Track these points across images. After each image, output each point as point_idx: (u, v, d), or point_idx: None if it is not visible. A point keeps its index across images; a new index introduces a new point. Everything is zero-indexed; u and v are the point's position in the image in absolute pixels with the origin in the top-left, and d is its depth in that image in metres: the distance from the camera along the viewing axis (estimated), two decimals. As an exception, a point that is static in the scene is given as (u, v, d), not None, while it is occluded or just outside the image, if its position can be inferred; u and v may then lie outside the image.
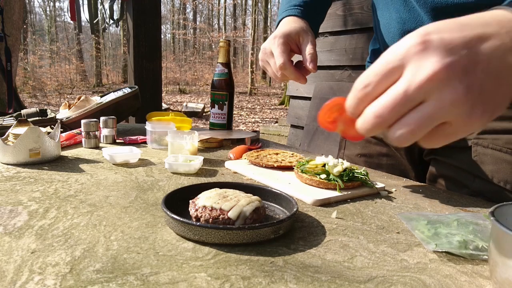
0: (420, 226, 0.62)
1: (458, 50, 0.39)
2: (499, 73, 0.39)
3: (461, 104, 0.38)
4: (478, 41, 0.40)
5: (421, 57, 0.38)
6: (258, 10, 19.03)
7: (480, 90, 0.39)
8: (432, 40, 0.39)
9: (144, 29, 3.02)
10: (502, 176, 0.82)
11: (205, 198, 0.59)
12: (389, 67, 0.40)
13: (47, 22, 22.02)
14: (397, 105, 0.39)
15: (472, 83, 0.38)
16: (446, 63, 0.38)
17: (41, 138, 0.92)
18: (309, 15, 0.97)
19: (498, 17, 0.42)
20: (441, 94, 0.38)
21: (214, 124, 1.41)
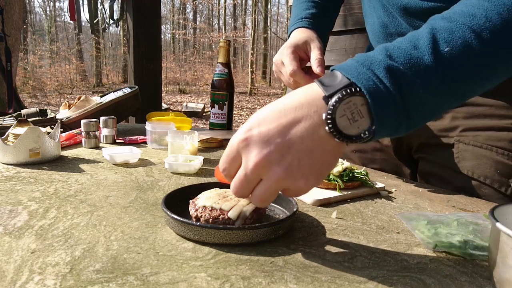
0: (420, 226, 0.62)
1: (274, 139, 0.47)
2: (312, 148, 0.48)
3: (284, 180, 0.48)
4: (290, 126, 0.48)
5: (247, 150, 0.49)
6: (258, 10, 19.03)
7: (298, 166, 0.47)
8: (252, 136, 0.48)
9: (144, 29, 3.02)
10: (482, 171, 0.85)
11: (205, 198, 0.59)
12: (231, 157, 0.51)
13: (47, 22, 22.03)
14: (243, 184, 0.50)
15: (289, 163, 0.47)
16: (263, 154, 0.47)
17: (41, 138, 0.92)
18: (317, 25, 1.01)
19: (310, 96, 0.49)
20: (268, 175, 0.48)
21: (214, 124, 1.41)
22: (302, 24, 1.01)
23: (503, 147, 0.84)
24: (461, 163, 0.88)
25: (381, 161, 1.08)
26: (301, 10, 1.05)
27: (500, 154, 0.84)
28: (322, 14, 1.05)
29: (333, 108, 0.46)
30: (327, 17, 1.07)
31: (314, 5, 1.05)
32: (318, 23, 1.02)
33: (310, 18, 1.02)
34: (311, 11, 1.03)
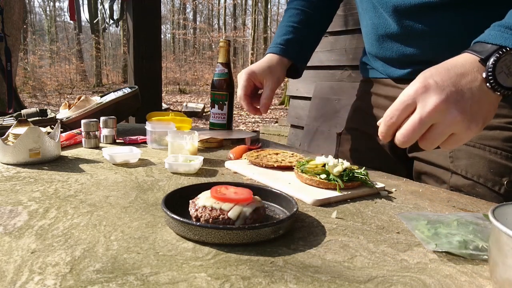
0: (420, 226, 0.62)
1: (449, 87, 0.56)
2: (480, 98, 0.57)
3: (459, 122, 0.56)
4: (460, 78, 0.57)
5: (425, 96, 0.56)
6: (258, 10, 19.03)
7: (470, 111, 0.56)
8: (430, 84, 0.57)
9: (144, 29, 3.02)
10: (475, 170, 0.87)
11: (205, 198, 0.59)
12: (405, 104, 0.58)
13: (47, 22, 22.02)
14: (416, 128, 0.57)
15: (463, 108, 0.56)
16: (442, 98, 0.55)
17: (41, 138, 0.92)
18: (291, 52, 1.08)
19: (468, 60, 0.58)
20: (444, 118, 0.56)
21: (214, 124, 1.41)
22: (274, 50, 1.08)
23: (495, 146, 0.84)
24: (454, 163, 0.89)
25: (377, 160, 1.09)
26: (278, 35, 1.11)
27: (493, 153, 0.84)
28: (298, 40, 1.10)
29: (492, 67, 0.55)
30: (304, 43, 1.12)
31: (292, 31, 1.10)
32: (291, 49, 1.09)
33: (284, 45, 1.08)
34: (287, 37, 1.09)
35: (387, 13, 0.90)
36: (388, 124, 0.61)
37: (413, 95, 0.57)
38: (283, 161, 0.96)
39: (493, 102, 0.58)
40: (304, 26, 1.11)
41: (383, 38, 0.95)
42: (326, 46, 3.08)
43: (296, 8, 1.13)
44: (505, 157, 0.84)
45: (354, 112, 1.20)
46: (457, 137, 0.58)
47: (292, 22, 1.11)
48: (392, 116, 0.59)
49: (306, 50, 1.15)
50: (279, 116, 9.28)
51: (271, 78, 1.04)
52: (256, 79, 1.05)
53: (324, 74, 3.13)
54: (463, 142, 0.59)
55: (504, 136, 0.84)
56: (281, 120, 7.62)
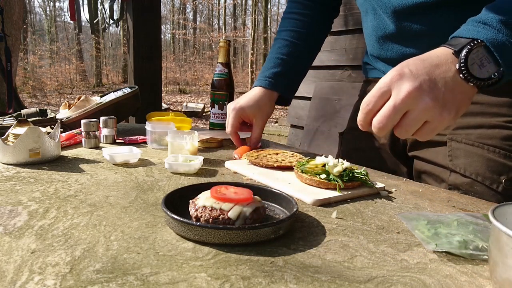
0: (420, 226, 0.62)
1: (422, 76, 0.58)
2: (453, 87, 0.59)
3: (431, 109, 0.58)
4: (435, 68, 0.59)
5: (400, 83, 0.58)
6: (258, 10, 19.02)
7: (442, 99, 0.58)
8: (405, 72, 0.59)
9: (144, 29, 3.02)
10: (473, 169, 0.87)
11: (205, 198, 0.59)
12: (381, 91, 0.60)
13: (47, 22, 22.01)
14: (391, 114, 0.59)
15: (436, 95, 0.58)
16: (415, 85, 0.57)
17: (41, 138, 0.92)
18: (279, 85, 1.11)
19: (443, 52, 0.61)
20: (417, 105, 0.58)
21: (214, 124, 1.41)
22: (263, 84, 1.10)
23: (494, 145, 0.85)
24: (453, 161, 0.89)
25: (379, 159, 1.09)
26: (267, 67, 1.13)
27: (492, 152, 0.85)
28: (287, 73, 1.12)
29: (464, 58, 0.58)
30: (293, 75, 1.14)
31: (281, 63, 1.12)
32: (280, 83, 1.11)
33: (272, 78, 1.10)
34: (275, 70, 1.11)
35: (386, 14, 0.91)
36: (365, 111, 0.63)
37: (389, 83, 0.59)
38: (283, 161, 0.96)
39: (468, 93, 0.60)
40: (292, 57, 1.13)
41: (383, 39, 0.96)
42: (326, 46, 3.08)
43: (285, 39, 1.14)
44: (503, 156, 0.84)
45: (356, 112, 1.20)
46: (430, 125, 0.59)
47: (280, 54, 1.13)
48: (368, 103, 0.61)
49: (295, 81, 1.17)
50: (279, 116, 9.29)
51: (260, 116, 1.09)
52: (245, 115, 1.09)
53: (324, 74, 3.13)
54: (436, 130, 0.60)
55: (503, 135, 0.84)
56: (281, 120, 7.63)
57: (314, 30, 1.17)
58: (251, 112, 1.08)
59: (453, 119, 0.60)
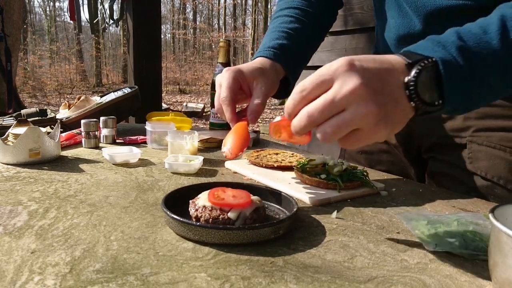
0: (420, 226, 0.62)
1: (372, 75, 0.51)
2: (397, 99, 0.52)
3: (371, 116, 0.50)
4: (385, 73, 0.52)
5: (347, 75, 0.50)
6: (258, 10, 19.03)
7: (385, 109, 0.51)
8: (356, 65, 0.51)
9: (144, 29, 3.02)
10: (495, 172, 0.85)
11: (205, 198, 0.59)
12: (322, 79, 0.52)
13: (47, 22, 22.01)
14: (325, 108, 0.51)
15: (380, 102, 0.50)
16: (363, 82, 0.49)
17: (41, 138, 0.92)
18: (286, 58, 0.89)
19: (398, 60, 0.54)
20: (358, 106, 0.50)
21: (214, 124, 1.41)
22: (265, 54, 0.88)
23: None
24: (474, 164, 0.87)
25: (388, 162, 1.07)
26: (270, 39, 0.93)
27: None
28: (293, 49, 0.93)
29: (416, 75, 0.51)
30: (299, 54, 0.96)
31: (286, 36, 0.93)
32: (287, 55, 0.90)
33: (277, 49, 0.90)
34: (280, 42, 0.91)
35: (415, 13, 0.85)
36: (296, 98, 0.53)
37: (334, 71, 0.51)
38: (283, 161, 0.96)
39: (405, 113, 0.53)
40: (299, 34, 0.95)
41: (405, 38, 0.90)
42: (326, 46, 3.08)
43: (289, 15, 0.97)
44: None
45: None
46: (361, 133, 0.52)
47: (285, 28, 0.95)
48: (303, 89, 0.52)
49: (300, 62, 0.97)
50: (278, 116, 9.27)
51: (263, 80, 0.81)
52: (245, 80, 0.80)
53: (324, 74, 3.12)
54: (364, 142, 0.53)
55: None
56: (281, 120, 7.61)
57: (321, 12, 1.01)
58: (252, 76, 0.80)
59: (386, 135, 0.53)
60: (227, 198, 0.59)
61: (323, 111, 0.51)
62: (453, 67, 0.52)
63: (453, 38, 0.54)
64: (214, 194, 0.60)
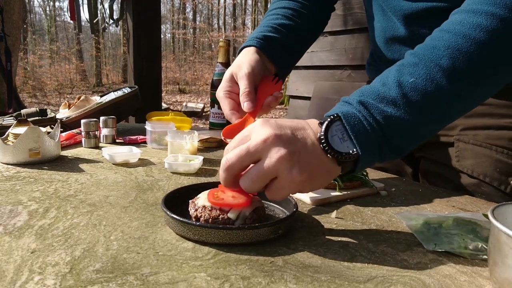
0: (420, 226, 0.62)
1: (286, 128, 0.55)
2: (313, 152, 0.55)
3: (284, 162, 0.52)
4: (298, 129, 0.56)
5: (261, 128, 0.55)
6: (258, 10, 19.01)
7: (298, 157, 0.53)
8: (270, 120, 0.56)
9: (144, 29, 3.02)
10: (481, 169, 0.86)
11: (205, 198, 0.59)
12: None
13: (47, 22, 22.00)
14: (242, 156, 0.54)
15: (293, 150, 0.53)
16: (276, 132, 0.54)
17: (41, 138, 0.92)
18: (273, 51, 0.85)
19: (312, 122, 0.58)
20: (271, 153, 0.53)
21: (214, 124, 1.41)
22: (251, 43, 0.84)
23: (502, 146, 0.84)
24: (461, 162, 0.89)
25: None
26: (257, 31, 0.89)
27: (500, 153, 0.84)
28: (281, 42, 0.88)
29: (325, 129, 0.55)
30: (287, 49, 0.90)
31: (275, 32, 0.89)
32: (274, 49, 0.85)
33: (263, 40, 0.85)
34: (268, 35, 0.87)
35: (396, 16, 0.89)
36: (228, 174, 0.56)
37: (251, 127, 0.57)
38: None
39: (327, 166, 0.56)
40: (289, 31, 0.91)
41: (391, 40, 0.93)
42: (326, 46, 3.08)
43: (279, 14, 0.93)
44: (511, 157, 0.84)
45: None
46: (279, 181, 0.54)
47: (274, 24, 0.90)
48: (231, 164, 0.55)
49: (290, 59, 0.93)
50: (279, 116, 9.29)
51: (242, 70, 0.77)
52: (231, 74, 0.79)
53: (323, 74, 3.12)
54: (286, 191, 0.55)
55: (511, 136, 0.84)
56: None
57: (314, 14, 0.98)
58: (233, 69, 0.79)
59: (303, 184, 0.54)
60: (226, 198, 0.59)
61: (239, 158, 0.54)
62: (354, 117, 0.55)
63: (355, 96, 0.58)
64: (214, 194, 0.60)
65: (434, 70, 0.56)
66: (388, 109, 0.56)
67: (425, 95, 0.56)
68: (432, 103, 0.56)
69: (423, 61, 0.57)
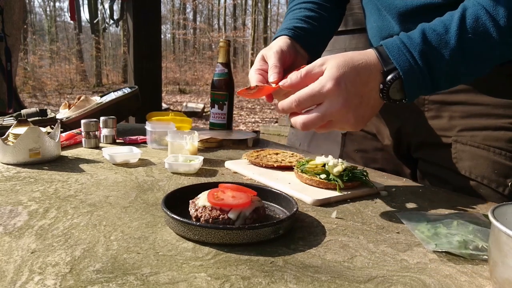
0: (420, 226, 0.62)
1: (354, 96, 0.63)
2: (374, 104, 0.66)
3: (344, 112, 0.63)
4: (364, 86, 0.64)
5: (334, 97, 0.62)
6: (258, 10, 19.02)
7: (362, 116, 0.65)
8: (341, 87, 0.62)
9: (144, 29, 3.02)
10: (479, 171, 0.86)
11: (205, 198, 0.59)
12: (315, 96, 0.63)
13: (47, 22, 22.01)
14: (317, 121, 0.64)
15: (358, 113, 0.64)
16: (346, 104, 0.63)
17: (41, 138, 0.92)
18: (305, 40, 0.91)
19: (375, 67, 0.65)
20: (341, 119, 0.64)
21: (214, 124, 1.41)
22: (283, 33, 0.90)
23: (500, 147, 0.84)
24: (458, 163, 0.89)
25: (382, 160, 1.08)
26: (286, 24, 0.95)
27: (497, 154, 0.84)
28: (311, 32, 0.94)
29: (389, 84, 0.64)
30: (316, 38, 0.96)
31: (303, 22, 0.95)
32: (305, 37, 0.91)
33: (294, 30, 0.91)
34: (298, 25, 0.93)
35: (390, 15, 0.90)
36: (294, 106, 0.65)
37: (325, 94, 0.63)
38: (283, 161, 0.96)
39: (380, 105, 0.68)
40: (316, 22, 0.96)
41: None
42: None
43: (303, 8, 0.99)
44: (509, 158, 0.83)
45: None
46: (333, 125, 0.66)
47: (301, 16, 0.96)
48: (300, 101, 0.64)
49: (319, 45, 0.97)
50: (279, 116, 9.29)
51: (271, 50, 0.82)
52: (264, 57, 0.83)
53: (324, 74, 3.12)
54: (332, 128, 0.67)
55: (509, 137, 0.83)
56: (281, 120, 7.62)
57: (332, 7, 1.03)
58: (264, 50, 0.84)
59: (356, 128, 0.67)
60: (226, 198, 0.59)
61: (315, 123, 0.64)
62: (413, 75, 0.63)
63: (418, 40, 0.64)
64: (214, 194, 0.60)
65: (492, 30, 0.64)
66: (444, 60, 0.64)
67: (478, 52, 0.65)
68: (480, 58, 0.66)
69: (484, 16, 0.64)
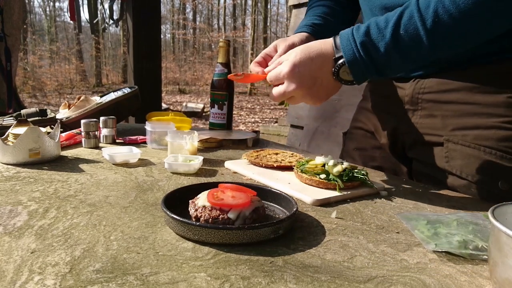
0: (420, 226, 0.62)
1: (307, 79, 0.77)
2: (327, 84, 0.79)
3: (308, 99, 0.80)
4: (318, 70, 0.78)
5: (290, 80, 0.78)
6: (258, 10, 19.02)
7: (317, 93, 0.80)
8: (295, 72, 0.77)
9: (144, 29, 3.02)
10: (469, 170, 0.86)
11: (205, 198, 0.59)
12: (278, 77, 0.79)
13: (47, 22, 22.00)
14: (274, 77, 0.80)
15: (312, 92, 0.79)
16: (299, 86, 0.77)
17: (41, 138, 0.92)
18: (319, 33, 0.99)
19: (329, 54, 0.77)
20: (298, 95, 0.79)
21: (214, 124, 1.41)
22: (303, 30, 1.00)
23: (490, 146, 0.84)
24: (450, 163, 0.89)
25: (381, 159, 1.09)
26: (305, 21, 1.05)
27: (488, 153, 0.84)
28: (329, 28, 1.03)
29: (338, 68, 0.76)
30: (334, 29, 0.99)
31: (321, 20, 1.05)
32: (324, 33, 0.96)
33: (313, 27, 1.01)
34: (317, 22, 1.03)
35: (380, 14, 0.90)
36: (270, 80, 0.81)
37: (283, 75, 0.78)
38: (282, 161, 0.96)
39: (335, 85, 0.79)
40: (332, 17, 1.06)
41: None
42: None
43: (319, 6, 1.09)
44: (500, 157, 0.83)
45: (358, 112, 1.20)
46: (293, 100, 0.81)
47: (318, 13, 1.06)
48: (271, 82, 0.81)
49: None
50: (279, 116, 9.29)
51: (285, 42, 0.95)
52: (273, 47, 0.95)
53: (324, 74, 3.12)
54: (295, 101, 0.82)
55: (499, 135, 0.83)
56: (281, 120, 7.62)
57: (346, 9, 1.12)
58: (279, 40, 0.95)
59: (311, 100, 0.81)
60: (226, 198, 0.59)
61: (279, 97, 0.80)
62: (356, 62, 0.74)
63: (362, 32, 0.73)
64: (214, 194, 0.60)
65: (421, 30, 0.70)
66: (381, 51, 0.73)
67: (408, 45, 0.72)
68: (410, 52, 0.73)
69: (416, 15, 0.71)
